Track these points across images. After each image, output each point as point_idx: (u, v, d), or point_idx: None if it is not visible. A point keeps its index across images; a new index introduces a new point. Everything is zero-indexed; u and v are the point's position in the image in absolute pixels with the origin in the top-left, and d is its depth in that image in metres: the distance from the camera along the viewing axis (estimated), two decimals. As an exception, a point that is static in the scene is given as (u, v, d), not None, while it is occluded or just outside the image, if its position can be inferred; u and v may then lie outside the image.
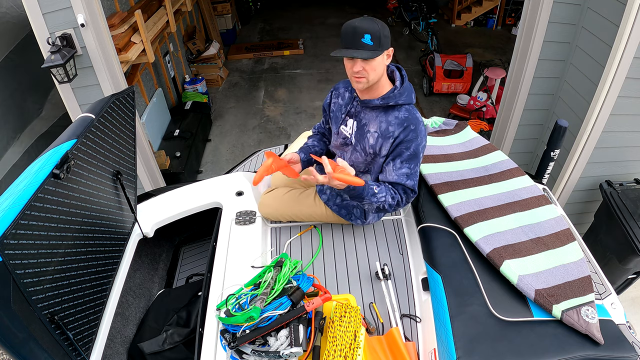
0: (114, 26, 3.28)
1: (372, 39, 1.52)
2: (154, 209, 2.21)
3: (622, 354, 1.46)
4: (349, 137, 1.82)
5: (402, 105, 1.69)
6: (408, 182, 1.72)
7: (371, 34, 1.51)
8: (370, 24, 1.52)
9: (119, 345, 1.98)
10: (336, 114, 1.88)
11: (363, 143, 1.77)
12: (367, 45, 1.52)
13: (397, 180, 1.72)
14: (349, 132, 1.82)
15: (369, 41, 1.52)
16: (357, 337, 1.43)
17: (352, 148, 1.82)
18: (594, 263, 1.88)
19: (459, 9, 7.32)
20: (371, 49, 1.53)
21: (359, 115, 1.78)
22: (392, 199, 1.73)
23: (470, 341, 1.46)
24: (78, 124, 1.54)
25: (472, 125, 3.20)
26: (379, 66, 1.59)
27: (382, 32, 1.53)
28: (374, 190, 1.69)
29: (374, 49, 1.53)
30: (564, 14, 2.80)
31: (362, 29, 1.51)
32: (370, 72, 1.58)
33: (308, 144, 2.06)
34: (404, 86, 1.69)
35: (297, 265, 1.69)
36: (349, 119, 1.81)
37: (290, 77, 6.21)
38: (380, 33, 1.53)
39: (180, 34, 5.49)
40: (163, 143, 4.41)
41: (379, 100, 1.68)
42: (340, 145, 1.88)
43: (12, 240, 1.14)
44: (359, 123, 1.78)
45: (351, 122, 1.80)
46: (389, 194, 1.72)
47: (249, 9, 8.15)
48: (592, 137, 2.73)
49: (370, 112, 1.74)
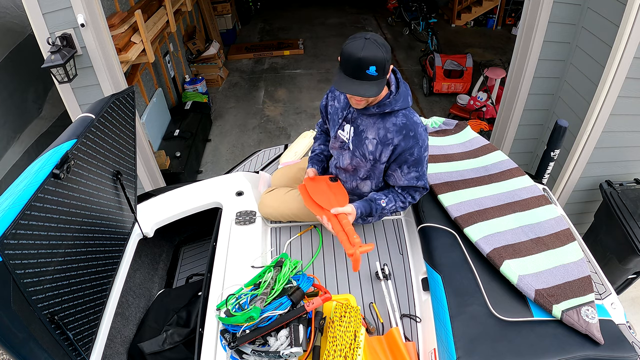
0: (114, 26, 3.28)
1: (377, 69, 1.44)
2: (154, 209, 2.21)
3: (622, 354, 1.46)
4: (346, 142, 1.82)
5: (398, 110, 1.67)
6: (419, 183, 1.77)
7: (376, 64, 1.43)
8: (375, 52, 1.43)
9: (119, 345, 1.98)
10: (333, 117, 1.88)
11: (362, 149, 1.77)
12: (372, 76, 1.45)
13: (408, 184, 1.78)
14: (346, 137, 1.82)
15: (374, 72, 1.44)
16: (357, 337, 1.43)
17: (351, 153, 1.82)
18: (594, 263, 1.88)
19: (459, 9, 7.32)
20: (376, 79, 1.47)
21: (355, 121, 1.77)
22: (402, 203, 1.80)
23: (470, 341, 1.46)
24: (78, 124, 1.54)
25: (472, 125, 3.20)
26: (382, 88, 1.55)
27: (386, 58, 1.46)
28: (382, 205, 1.78)
29: (379, 79, 1.47)
30: (564, 14, 2.80)
31: (367, 61, 1.42)
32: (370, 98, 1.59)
33: (316, 150, 2.08)
34: (399, 91, 1.66)
35: (297, 265, 1.69)
36: (346, 124, 1.81)
37: (290, 77, 6.21)
38: (385, 60, 1.45)
39: (180, 34, 5.49)
40: (163, 143, 4.41)
41: (374, 108, 1.66)
42: (338, 148, 1.89)
43: (12, 240, 1.14)
44: (356, 129, 1.77)
45: (348, 127, 1.80)
46: (398, 200, 1.79)
47: (249, 9, 8.15)
48: (592, 137, 2.73)
49: (367, 119, 1.73)
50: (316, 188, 1.90)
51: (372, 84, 1.47)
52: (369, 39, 1.45)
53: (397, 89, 1.66)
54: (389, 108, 1.65)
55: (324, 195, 1.86)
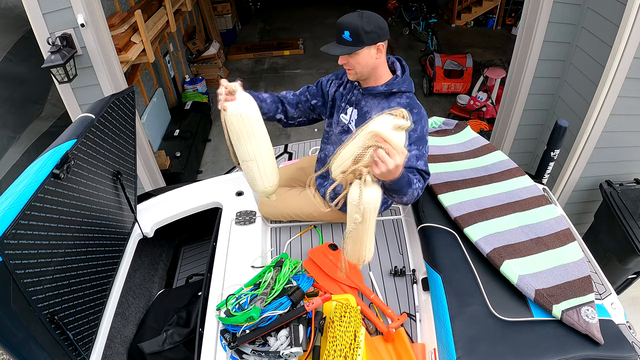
0: (114, 26, 3.28)
1: (351, 35, 1.57)
2: (154, 209, 2.21)
3: (622, 354, 1.46)
4: (347, 124, 1.84)
5: (403, 92, 1.73)
6: (419, 163, 1.65)
7: (350, 30, 1.57)
8: (352, 20, 1.57)
9: (119, 345, 1.98)
10: (338, 102, 1.89)
11: None
12: (346, 41, 1.59)
13: (409, 164, 1.63)
14: (347, 119, 1.84)
15: (348, 37, 1.58)
16: (357, 337, 1.43)
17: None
18: (594, 263, 1.88)
19: (459, 9, 7.32)
20: (349, 44, 1.59)
21: (359, 103, 1.80)
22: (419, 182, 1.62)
23: (470, 341, 1.46)
24: (78, 124, 1.54)
25: (472, 125, 3.20)
26: (364, 60, 1.63)
27: (363, 28, 1.56)
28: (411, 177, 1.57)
29: (352, 45, 1.58)
30: (564, 14, 2.80)
31: (342, 26, 1.58)
32: (355, 65, 1.65)
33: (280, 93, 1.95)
34: (405, 75, 1.75)
35: (297, 265, 1.69)
36: (349, 107, 1.83)
37: (290, 77, 6.21)
38: (360, 29, 1.56)
39: (180, 34, 5.48)
40: (163, 143, 4.41)
41: (383, 86, 1.72)
42: (339, 134, 1.89)
43: (12, 240, 1.14)
44: (360, 111, 1.80)
45: (351, 110, 1.83)
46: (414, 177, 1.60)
47: (249, 9, 8.15)
48: (592, 137, 2.73)
49: (372, 100, 1.76)
50: (324, 262, 1.86)
51: (344, 48, 1.60)
52: (360, 12, 1.60)
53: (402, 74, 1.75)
54: (396, 87, 1.71)
55: (336, 269, 1.82)
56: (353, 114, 1.81)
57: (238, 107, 1.52)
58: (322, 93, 1.95)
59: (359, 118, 1.80)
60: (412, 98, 1.74)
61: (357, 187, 1.32)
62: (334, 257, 1.88)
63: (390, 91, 1.72)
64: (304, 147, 2.90)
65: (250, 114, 1.55)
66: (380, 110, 1.72)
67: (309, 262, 1.87)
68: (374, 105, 1.75)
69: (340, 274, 1.75)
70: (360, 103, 1.79)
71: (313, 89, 1.97)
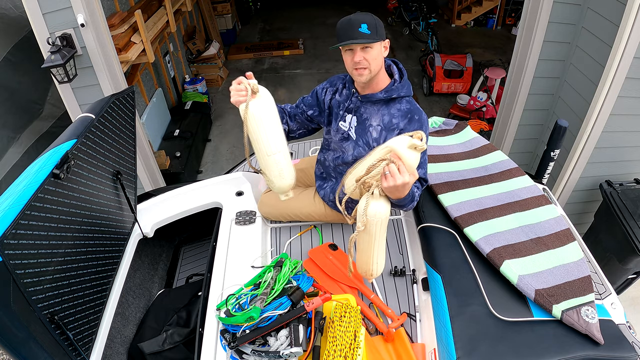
0: (114, 26, 3.28)
1: (369, 27, 1.55)
2: (154, 209, 2.21)
3: (622, 354, 1.46)
4: (347, 132, 1.83)
5: (403, 97, 1.71)
6: (420, 171, 1.65)
7: (367, 23, 1.55)
8: (364, 16, 1.57)
9: (119, 345, 1.98)
10: (335, 110, 1.88)
11: (365, 137, 1.77)
12: (365, 34, 1.55)
13: None
14: (346, 127, 1.83)
15: (366, 30, 1.55)
16: (357, 337, 1.43)
17: (354, 143, 1.81)
18: (594, 263, 1.88)
19: (459, 9, 7.32)
20: (369, 37, 1.55)
21: (359, 110, 1.78)
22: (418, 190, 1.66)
23: (470, 341, 1.46)
24: (78, 124, 1.54)
25: (472, 125, 3.20)
26: (379, 56, 1.61)
27: (377, 22, 1.57)
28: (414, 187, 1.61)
29: (372, 37, 1.56)
30: (564, 14, 2.80)
31: (357, 20, 1.56)
32: (371, 62, 1.60)
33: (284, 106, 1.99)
34: (403, 79, 1.73)
35: (297, 265, 1.69)
36: (347, 115, 1.82)
37: (290, 77, 6.21)
38: (376, 23, 1.57)
39: (180, 34, 5.49)
40: (163, 143, 4.41)
41: (382, 93, 1.70)
42: (339, 141, 1.88)
43: (12, 240, 1.14)
44: (359, 118, 1.78)
45: (349, 117, 1.81)
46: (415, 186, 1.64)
47: (249, 9, 8.15)
48: (592, 137, 2.73)
49: (371, 107, 1.75)
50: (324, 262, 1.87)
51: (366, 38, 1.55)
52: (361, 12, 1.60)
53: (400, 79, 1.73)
54: (395, 93, 1.69)
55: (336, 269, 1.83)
56: (352, 121, 1.80)
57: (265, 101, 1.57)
58: (317, 102, 1.93)
59: (358, 125, 1.79)
60: (412, 103, 1.72)
61: (365, 199, 1.42)
62: (334, 257, 1.88)
63: (389, 97, 1.70)
64: (304, 147, 2.91)
65: (274, 105, 1.62)
66: (380, 117, 1.73)
67: (309, 262, 1.87)
68: (374, 112, 1.74)
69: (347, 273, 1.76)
70: (360, 110, 1.78)
71: (308, 99, 1.96)
